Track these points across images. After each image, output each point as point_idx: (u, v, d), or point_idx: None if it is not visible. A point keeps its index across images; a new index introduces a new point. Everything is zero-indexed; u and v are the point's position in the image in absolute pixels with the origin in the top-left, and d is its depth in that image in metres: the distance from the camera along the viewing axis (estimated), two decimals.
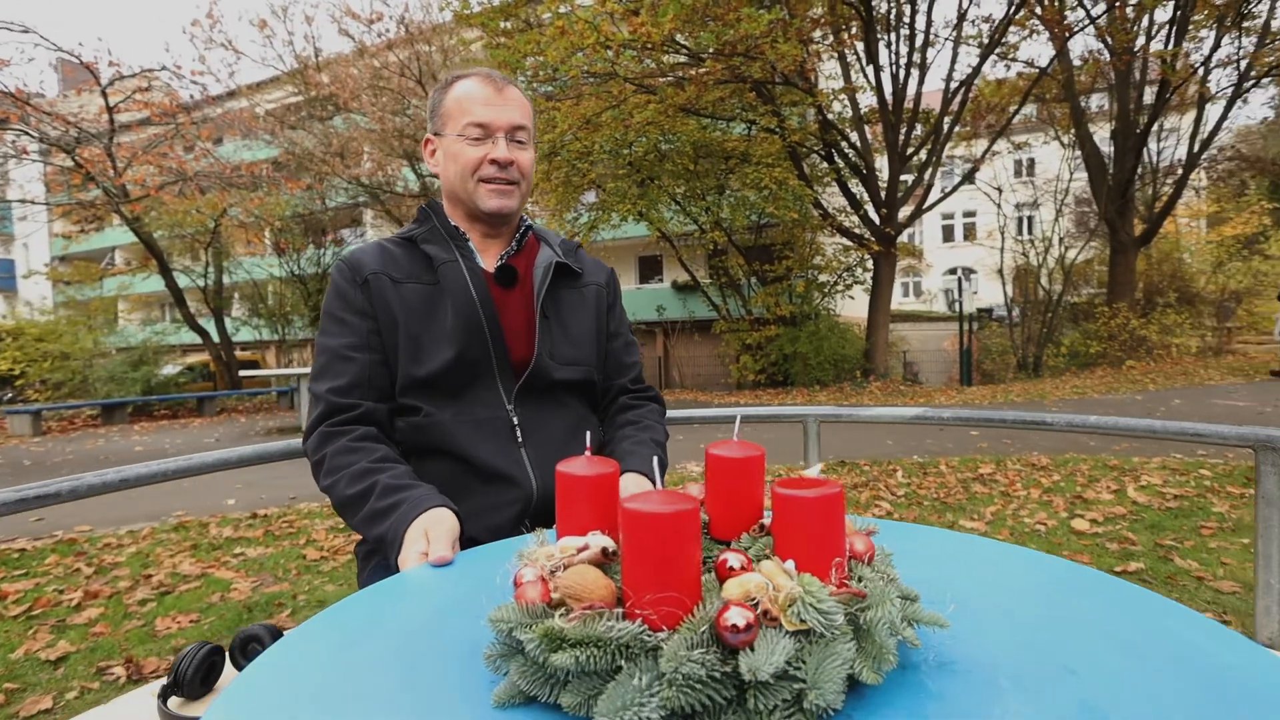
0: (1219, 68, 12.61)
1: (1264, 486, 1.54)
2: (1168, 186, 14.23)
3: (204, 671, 0.99)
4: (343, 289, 1.07)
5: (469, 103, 1.07)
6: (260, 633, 1.02)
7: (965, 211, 27.30)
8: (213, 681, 1.00)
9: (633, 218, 13.26)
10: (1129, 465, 4.70)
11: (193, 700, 0.98)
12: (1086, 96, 13.91)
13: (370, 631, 0.60)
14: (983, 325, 15.91)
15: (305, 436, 1.05)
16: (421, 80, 17.49)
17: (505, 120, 1.08)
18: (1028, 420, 1.96)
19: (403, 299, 1.06)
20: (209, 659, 1.00)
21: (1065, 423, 1.88)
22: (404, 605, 0.66)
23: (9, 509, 1.24)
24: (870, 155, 12.22)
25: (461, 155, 1.08)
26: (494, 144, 1.07)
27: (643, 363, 1.29)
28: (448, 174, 1.11)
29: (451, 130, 1.09)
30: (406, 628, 0.60)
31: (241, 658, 1.03)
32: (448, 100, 1.10)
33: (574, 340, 1.14)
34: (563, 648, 0.43)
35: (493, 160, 1.07)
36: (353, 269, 1.07)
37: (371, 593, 0.69)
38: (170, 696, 0.97)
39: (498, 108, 1.07)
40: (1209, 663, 0.51)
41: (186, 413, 13.16)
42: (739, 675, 0.42)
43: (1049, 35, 11.95)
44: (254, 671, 0.52)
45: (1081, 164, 13.65)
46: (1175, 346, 12.71)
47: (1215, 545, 3.11)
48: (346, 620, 0.63)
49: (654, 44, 8.06)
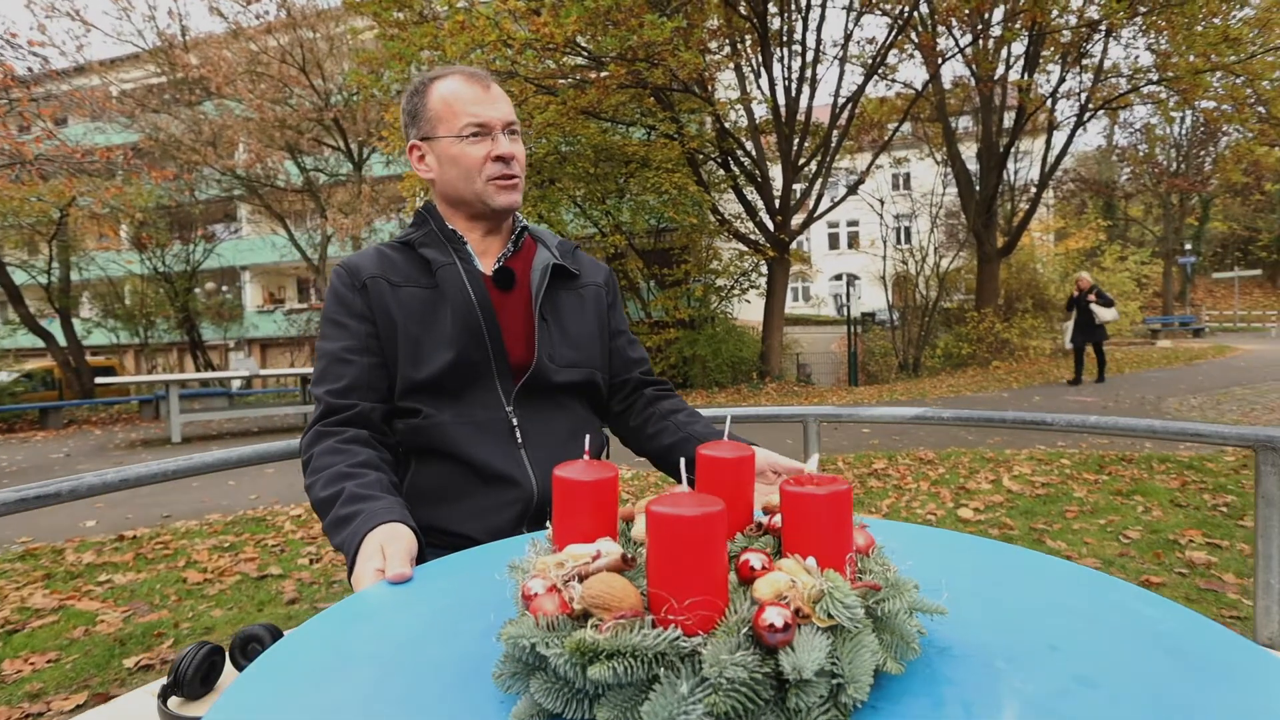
0: (1064, 99, 14.08)
1: (1264, 486, 1.49)
2: (1024, 203, 15.71)
3: (204, 671, 0.98)
4: (341, 293, 1.07)
5: (460, 103, 1.07)
6: (260, 633, 1.02)
7: (849, 220, 28.94)
8: (213, 681, 1.00)
9: (533, 220, 13.09)
10: (1002, 457, 5.13)
11: (193, 700, 0.98)
12: (956, 118, 15.11)
13: (371, 632, 0.60)
14: (867, 328, 16.88)
15: (303, 436, 1.05)
16: (305, 69, 16.51)
17: (500, 116, 1.08)
18: (1028, 420, 1.90)
19: (401, 303, 1.06)
20: (209, 659, 0.99)
21: (1065, 422, 1.83)
22: (404, 605, 0.66)
23: (9, 509, 1.23)
24: (765, 164, 12.69)
25: (464, 156, 1.08)
26: (494, 141, 1.08)
27: (648, 358, 1.31)
28: (447, 177, 1.10)
29: (446, 132, 1.08)
30: (407, 628, 0.60)
31: (241, 658, 1.03)
32: (432, 103, 1.09)
33: (574, 342, 1.14)
34: (598, 660, 0.41)
35: (498, 157, 1.08)
36: (351, 273, 1.08)
37: (372, 593, 0.69)
38: (170, 696, 0.97)
39: (490, 104, 1.08)
40: (1157, 629, 0.56)
41: (26, 425, 11.68)
42: (777, 675, 0.42)
43: (924, 60, 12.92)
44: (254, 671, 0.52)
45: (952, 180, 14.81)
46: (1032, 348, 14.03)
47: (1079, 527, 3.45)
48: (347, 620, 0.62)
49: (557, 44, 8.00)
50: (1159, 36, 12.15)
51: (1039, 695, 0.47)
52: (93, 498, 1.43)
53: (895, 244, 17.15)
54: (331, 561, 3.51)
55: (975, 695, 0.47)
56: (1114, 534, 3.32)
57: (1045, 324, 14.64)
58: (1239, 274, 29.27)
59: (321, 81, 16.91)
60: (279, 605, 2.95)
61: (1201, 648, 0.53)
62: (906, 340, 14.83)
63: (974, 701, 0.46)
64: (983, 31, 12.34)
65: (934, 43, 12.27)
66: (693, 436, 1.13)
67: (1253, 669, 0.50)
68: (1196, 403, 7.97)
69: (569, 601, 0.46)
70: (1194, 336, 22.67)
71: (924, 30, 12.43)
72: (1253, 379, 10.13)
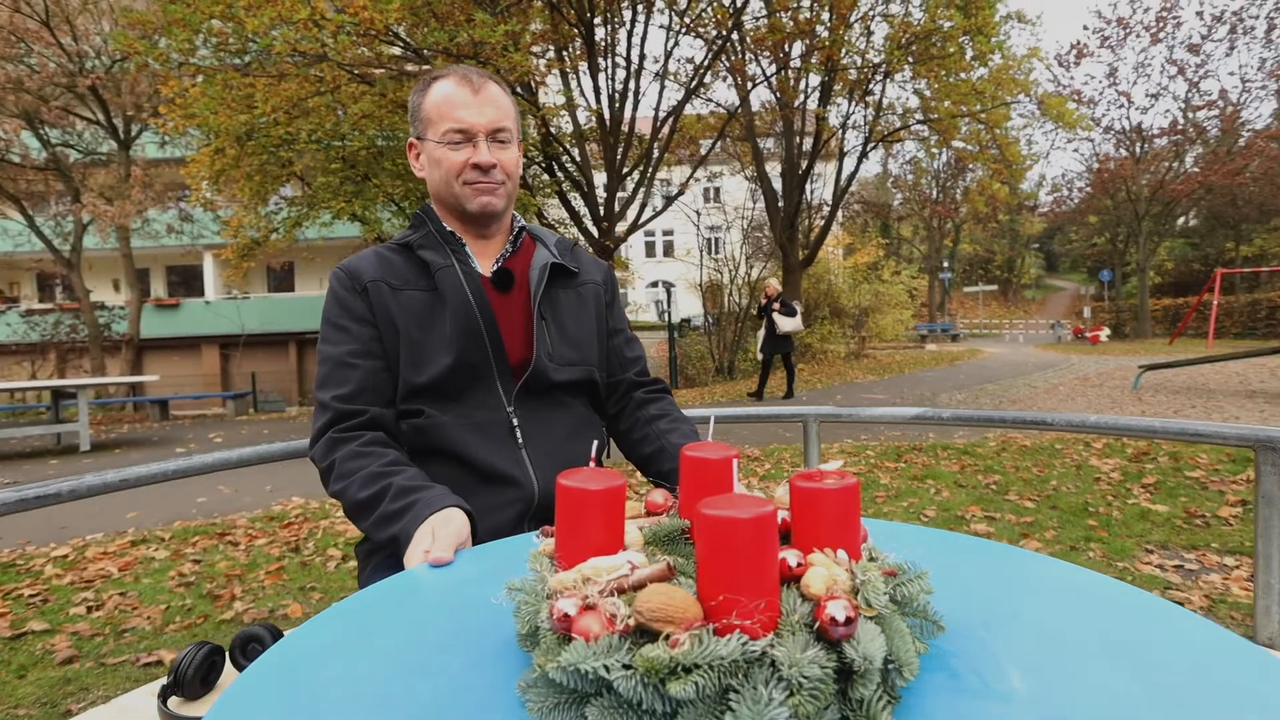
0: (852, 130, 15.88)
1: (1264, 486, 1.49)
2: (820, 220, 17.47)
3: (204, 671, 0.99)
4: (342, 297, 1.07)
5: (447, 106, 1.07)
6: (260, 633, 1.02)
7: (665, 230, 30.25)
8: (213, 681, 1.00)
9: (346, 217, 12.18)
10: None
11: (193, 700, 0.98)
12: (764, 139, 16.43)
13: (371, 631, 0.60)
14: (684, 334, 17.74)
15: (311, 444, 1.05)
16: (49, 22, 13.94)
17: (485, 122, 1.07)
18: (1027, 420, 1.89)
19: (402, 306, 1.06)
20: (209, 659, 1.00)
21: (1065, 422, 1.83)
22: (404, 605, 0.66)
23: (9, 509, 1.24)
24: (590, 171, 12.88)
25: (444, 161, 1.08)
26: (475, 148, 1.08)
27: (645, 356, 1.32)
28: (433, 179, 1.11)
29: (433, 135, 1.08)
30: (408, 627, 0.60)
31: (242, 658, 1.03)
32: (426, 104, 1.10)
33: (572, 341, 1.14)
34: (676, 676, 0.39)
35: (475, 165, 1.07)
36: (351, 276, 1.08)
37: (372, 593, 0.69)
38: (170, 696, 0.97)
39: (476, 109, 1.07)
40: (1156, 629, 0.57)
41: None
42: (840, 668, 0.42)
43: (736, 83, 13.90)
44: (254, 671, 0.52)
45: (760, 195, 16.06)
46: (830, 351, 15.60)
47: (888, 510, 3.89)
48: (347, 620, 0.62)
49: (376, 31, 7.50)
50: (926, 84, 14.11)
51: (1036, 688, 0.52)
52: (178, 479, 1.43)
53: (709, 254, 18.23)
54: (118, 608, 2.99)
55: (978, 669, 0.51)
56: (915, 514, 3.79)
57: (840, 330, 16.35)
58: (981, 288, 35.33)
59: (73, 41, 14.40)
60: (48, 668, 2.45)
61: (1201, 648, 0.53)
62: (721, 345, 15.78)
63: (984, 671, 0.50)
64: (785, 62, 13.55)
65: (745, 68, 13.24)
66: (667, 448, 1.14)
67: (1253, 669, 0.50)
68: (961, 397, 9.35)
69: (614, 619, 0.43)
70: (952, 341, 26.68)
71: (736, 57, 13.37)
72: (999, 377, 12.11)
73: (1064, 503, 3.77)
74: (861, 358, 17.30)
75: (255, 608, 2.91)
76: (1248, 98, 26.86)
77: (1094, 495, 3.89)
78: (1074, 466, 4.57)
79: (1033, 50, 12.95)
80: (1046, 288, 47.15)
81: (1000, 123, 14.16)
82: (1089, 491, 3.98)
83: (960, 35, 11.80)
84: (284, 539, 3.93)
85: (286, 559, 3.57)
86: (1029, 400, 8.76)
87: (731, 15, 11.81)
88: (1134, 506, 3.64)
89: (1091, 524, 3.41)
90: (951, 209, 29.96)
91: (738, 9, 11.91)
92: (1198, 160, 27.43)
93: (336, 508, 4.70)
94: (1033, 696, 0.47)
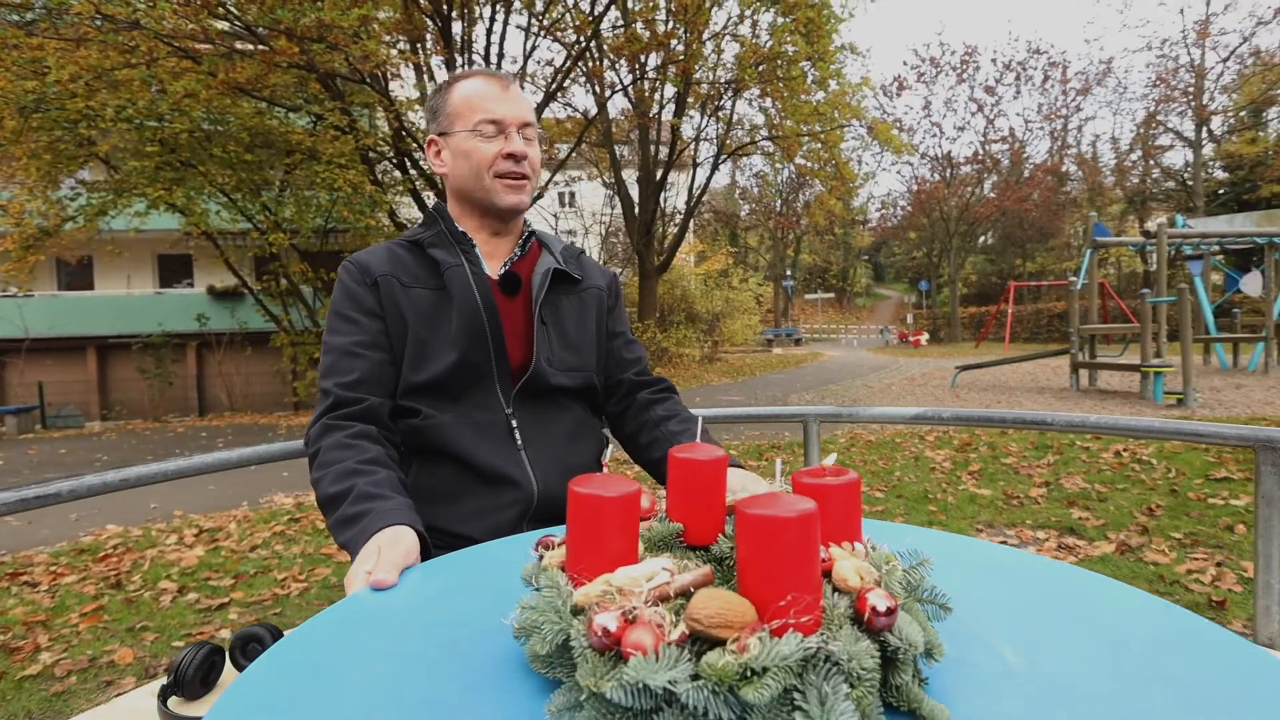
0: (705, 141, 16.58)
1: (1264, 486, 1.48)
2: (674, 227, 18.06)
3: (204, 671, 0.98)
4: (352, 289, 1.08)
5: (478, 100, 1.09)
6: (260, 633, 1.02)
7: None
8: (213, 681, 1.00)
9: (164, 207, 10.86)
10: (751, 446, 5.84)
11: (193, 700, 0.98)
12: (622, 145, 16.71)
13: (371, 631, 0.59)
14: None
15: (308, 428, 1.03)
16: None
17: (516, 115, 1.09)
18: (1028, 420, 1.88)
19: (411, 303, 1.07)
20: (209, 659, 0.99)
21: (1065, 422, 1.83)
22: (406, 604, 0.65)
23: (9, 509, 1.24)
24: None
25: (475, 152, 1.09)
26: (507, 139, 1.09)
27: (647, 355, 1.32)
28: (458, 172, 1.11)
29: (461, 127, 1.09)
30: (408, 627, 0.59)
31: (242, 658, 1.03)
32: (453, 100, 1.11)
33: (572, 346, 1.15)
34: (748, 681, 0.38)
35: (508, 154, 1.08)
36: (362, 270, 1.09)
37: (373, 592, 0.67)
38: (170, 696, 0.97)
39: (508, 104, 1.09)
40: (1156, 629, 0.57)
41: None
42: (883, 656, 0.43)
43: (594, 90, 14.03)
44: (254, 671, 0.52)
45: (618, 201, 16.32)
46: (685, 355, 16.16)
47: None
48: (347, 620, 0.62)
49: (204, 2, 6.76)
50: (773, 103, 15.03)
51: (1035, 695, 0.56)
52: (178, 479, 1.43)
53: None
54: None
55: (980, 646, 0.54)
56: None
57: (695, 334, 16.98)
58: (820, 295, 38.34)
59: None
60: None
61: (1201, 648, 0.54)
62: None
63: (980, 649, 0.53)
64: (642, 72, 13.88)
65: (603, 74, 13.40)
66: None
67: (1253, 669, 0.50)
68: (810, 397, 10.05)
69: (664, 629, 0.41)
70: (795, 345, 28.60)
71: (595, 64, 13.50)
72: (839, 378, 13.14)
73: (908, 491, 4.17)
74: (715, 361, 18.08)
75: (68, 657, 2.51)
76: (1030, 135, 31.52)
77: (931, 483, 4.34)
78: (913, 458, 5.07)
79: (865, 79, 14.19)
80: (875, 296, 51.95)
81: (837, 143, 15.38)
82: (927, 480, 4.42)
83: (803, 60, 12.68)
84: (99, 574, 3.43)
85: (105, 596, 3.11)
86: (867, 399, 9.59)
87: (591, 22, 11.91)
88: (964, 491, 4.10)
89: (932, 509, 3.79)
90: (794, 221, 32.28)
91: (596, 16, 12.03)
92: (994, 187, 31.62)
93: (164, 534, 4.17)
94: (990, 619, 0.52)
